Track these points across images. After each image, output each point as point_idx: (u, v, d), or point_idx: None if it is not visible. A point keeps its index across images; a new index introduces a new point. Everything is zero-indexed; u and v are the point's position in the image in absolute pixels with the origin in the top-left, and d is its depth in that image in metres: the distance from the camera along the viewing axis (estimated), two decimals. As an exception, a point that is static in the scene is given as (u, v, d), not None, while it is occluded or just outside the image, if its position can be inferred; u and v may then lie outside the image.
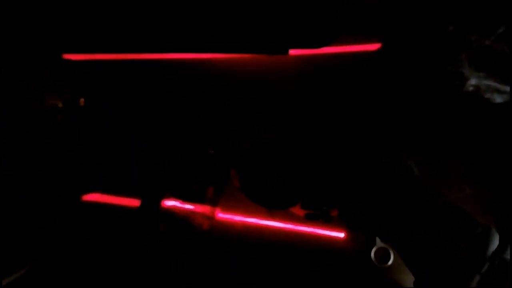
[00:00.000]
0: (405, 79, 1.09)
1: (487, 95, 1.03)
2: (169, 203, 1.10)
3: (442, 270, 0.73)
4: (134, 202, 1.11)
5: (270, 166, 0.98)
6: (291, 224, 1.12)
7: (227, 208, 1.13)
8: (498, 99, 1.02)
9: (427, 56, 1.09)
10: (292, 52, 1.14)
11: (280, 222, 1.12)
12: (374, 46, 1.15)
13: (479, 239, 0.72)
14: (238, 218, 1.13)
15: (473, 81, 1.04)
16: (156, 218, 1.09)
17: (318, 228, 1.12)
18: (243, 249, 1.10)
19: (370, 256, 1.08)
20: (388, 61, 1.11)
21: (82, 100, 1.08)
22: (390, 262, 1.07)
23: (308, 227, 1.12)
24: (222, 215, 1.12)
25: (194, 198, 1.10)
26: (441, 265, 0.73)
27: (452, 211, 0.78)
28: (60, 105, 1.06)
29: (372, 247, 1.08)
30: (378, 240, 1.08)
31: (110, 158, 1.11)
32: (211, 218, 1.08)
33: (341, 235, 1.12)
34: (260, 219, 1.13)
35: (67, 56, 1.11)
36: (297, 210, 1.00)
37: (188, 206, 1.10)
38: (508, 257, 0.71)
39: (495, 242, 0.72)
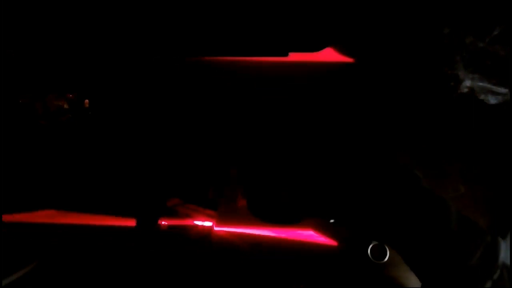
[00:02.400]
0: (402, 81, 1.10)
1: (482, 97, 1.05)
2: (170, 203, 1.11)
3: (450, 277, 0.74)
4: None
5: (276, 174, 0.98)
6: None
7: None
8: (493, 100, 1.04)
9: (423, 57, 1.10)
10: (292, 54, 1.16)
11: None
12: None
13: (492, 246, 0.74)
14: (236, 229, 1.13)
15: (467, 83, 1.06)
16: (157, 219, 1.09)
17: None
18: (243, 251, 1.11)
19: (367, 253, 1.08)
20: (384, 62, 1.12)
21: (86, 101, 1.09)
22: (386, 259, 1.08)
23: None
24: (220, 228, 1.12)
25: (195, 197, 1.11)
26: (449, 271, 0.74)
27: (456, 217, 0.79)
28: (66, 106, 1.08)
29: (369, 244, 1.09)
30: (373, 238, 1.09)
31: (112, 158, 1.12)
32: (212, 216, 1.09)
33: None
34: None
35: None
36: None
37: (189, 206, 1.11)
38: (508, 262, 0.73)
39: (503, 249, 0.74)
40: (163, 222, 1.09)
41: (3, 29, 1.05)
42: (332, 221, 0.98)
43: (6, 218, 1.08)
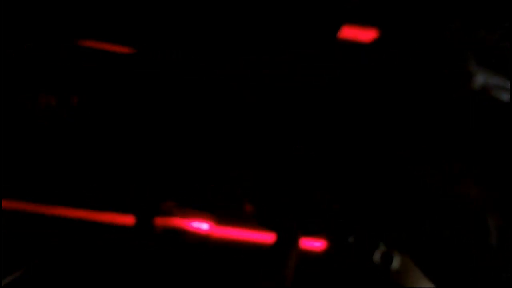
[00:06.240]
0: (411, 76, 1.08)
1: (493, 93, 1.01)
2: (167, 205, 1.11)
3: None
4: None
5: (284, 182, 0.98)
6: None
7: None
8: (505, 97, 1.00)
9: (434, 52, 1.08)
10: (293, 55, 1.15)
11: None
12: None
13: None
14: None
15: (480, 79, 1.03)
16: (153, 220, 1.10)
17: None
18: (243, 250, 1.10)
19: (373, 259, 1.07)
20: (394, 58, 1.10)
21: (84, 101, 1.10)
22: (393, 265, 1.06)
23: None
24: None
25: (192, 200, 1.11)
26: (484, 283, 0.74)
27: (496, 233, 0.77)
28: (62, 105, 1.09)
29: (376, 250, 1.07)
30: (381, 243, 1.07)
31: (105, 158, 1.13)
32: (210, 219, 1.09)
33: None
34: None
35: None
36: None
37: (186, 208, 1.11)
38: None
39: None
40: (159, 224, 1.10)
41: (3, 29, 1.08)
42: (351, 239, 0.98)
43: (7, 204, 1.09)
